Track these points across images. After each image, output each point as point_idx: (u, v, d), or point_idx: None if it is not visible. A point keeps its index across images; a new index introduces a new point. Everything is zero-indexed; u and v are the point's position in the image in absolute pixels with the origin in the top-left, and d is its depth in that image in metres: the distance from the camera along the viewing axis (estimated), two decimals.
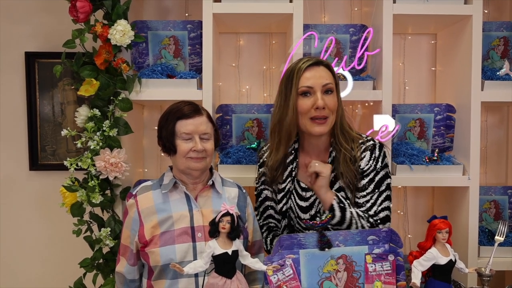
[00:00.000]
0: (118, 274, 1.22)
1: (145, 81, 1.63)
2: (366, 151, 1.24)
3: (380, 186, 1.23)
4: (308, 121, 1.21)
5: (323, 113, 1.20)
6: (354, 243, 1.10)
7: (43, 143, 1.92)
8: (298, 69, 1.22)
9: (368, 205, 1.21)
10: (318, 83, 1.20)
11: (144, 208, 1.17)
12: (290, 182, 1.28)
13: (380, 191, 1.23)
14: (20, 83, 1.91)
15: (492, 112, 1.95)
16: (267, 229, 1.36)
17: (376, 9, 1.68)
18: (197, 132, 1.15)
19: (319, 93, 1.20)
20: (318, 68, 1.22)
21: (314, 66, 1.22)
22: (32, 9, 1.89)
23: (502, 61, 1.75)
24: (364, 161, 1.23)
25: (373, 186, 1.22)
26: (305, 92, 1.21)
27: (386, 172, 1.25)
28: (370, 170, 1.23)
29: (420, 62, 1.95)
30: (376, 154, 1.24)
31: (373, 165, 1.23)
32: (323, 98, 1.20)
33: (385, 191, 1.24)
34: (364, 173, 1.23)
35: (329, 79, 1.22)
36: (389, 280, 1.09)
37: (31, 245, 1.95)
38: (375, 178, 1.23)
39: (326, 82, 1.21)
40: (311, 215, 1.25)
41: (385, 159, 1.26)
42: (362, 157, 1.23)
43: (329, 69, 1.25)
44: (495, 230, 1.75)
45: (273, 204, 1.33)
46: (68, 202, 1.56)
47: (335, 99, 1.23)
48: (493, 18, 1.90)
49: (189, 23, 1.71)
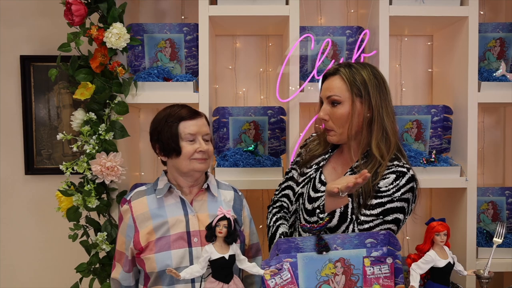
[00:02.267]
0: (114, 280, 1.21)
1: (141, 84, 1.62)
2: (392, 174, 1.13)
3: (387, 215, 1.11)
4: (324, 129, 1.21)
5: (326, 124, 1.18)
6: (352, 246, 1.09)
7: (39, 147, 1.91)
8: (323, 76, 1.22)
9: (365, 226, 1.11)
10: (324, 95, 1.19)
11: (139, 214, 1.16)
12: (315, 170, 1.25)
13: (385, 220, 1.11)
14: (15, 87, 1.90)
15: (489, 113, 1.96)
16: (279, 206, 1.32)
17: (372, 11, 1.68)
18: (200, 133, 1.15)
19: (325, 104, 1.18)
20: (331, 78, 1.18)
21: (330, 76, 1.19)
22: (27, 12, 1.89)
23: (499, 62, 1.76)
24: (385, 182, 1.12)
25: (380, 211, 1.11)
26: (321, 101, 1.21)
27: (402, 206, 1.12)
28: (386, 195, 1.12)
29: (417, 64, 1.95)
30: (401, 182, 1.12)
31: (392, 191, 1.12)
32: (326, 109, 1.17)
33: (389, 223, 1.11)
34: (379, 193, 1.12)
35: (334, 91, 1.15)
36: (388, 283, 1.08)
37: (27, 250, 1.94)
38: (386, 205, 1.11)
39: (329, 94, 1.16)
40: (314, 207, 1.20)
41: (409, 193, 1.13)
42: (385, 177, 1.13)
43: (343, 78, 1.16)
44: (493, 231, 1.75)
45: (294, 186, 1.30)
46: (64, 206, 1.55)
47: (341, 111, 1.15)
48: (489, 19, 1.90)
49: (185, 26, 1.71)
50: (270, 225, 1.29)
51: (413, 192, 1.15)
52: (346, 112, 1.15)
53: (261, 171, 1.64)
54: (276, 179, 1.54)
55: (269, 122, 1.73)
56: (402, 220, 1.14)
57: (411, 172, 1.15)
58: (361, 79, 1.15)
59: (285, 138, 1.74)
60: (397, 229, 1.15)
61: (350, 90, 1.15)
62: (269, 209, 1.34)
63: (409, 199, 1.14)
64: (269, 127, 1.74)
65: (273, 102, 1.90)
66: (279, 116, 1.74)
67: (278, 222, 1.28)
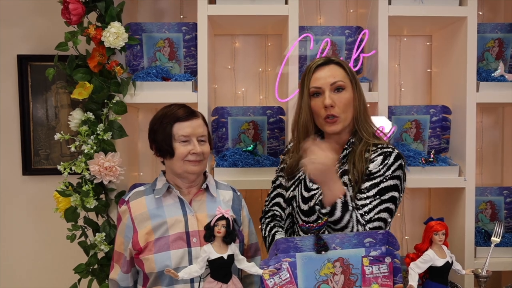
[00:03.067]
0: (112, 281, 1.21)
1: (140, 84, 1.61)
2: (379, 156, 1.17)
3: (383, 195, 1.14)
4: (322, 121, 1.20)
5: (333, 111, 1.17)
6: (351, 246, 1.09)
7: (37, 147, 1.90)
8: (308, 70, 1.22)
9: (365, 209, 1.14)
10: (326, 83, 1.19)
11: (138, 214, 1.15)
12: (303, 172, 1.25)
13: (382, 200, 1.14)
14: (12, 87, 1.89)
15: (488, 113, 1.96)
16: (271, 215, 1.33)
17: (372, 10, 1.68)
18: (194, 135, 1.14)
19: (328, 92, 1.18)
20: (327, 67, 1.20)
21: (324, 66, 1.20)
22: (25, 11, 1.88)
23: (497, 62, 1.76)
24: (374, 164, 1.16)
25: (375, 192, 1.14)
26: (315, 93, 1.20)
27: (395, 183, 1.15)
28: (378, 175, 1.15)
29: (416, 64, 1.95)
30: (389, 161, 1.16)
31: (383, 170, 1.15)
32: (332, 96, 1.17)
33: (386, 202, 1.14)
34: (371, 175, 1.16)
35: (338, 77, 1.19)
36: (386, 282, 1.08)
37: (25, 251, 1.93)
38: (381, 185, 1.14)
39: (334, 80, 1.18)
40: (310, 206, 1.21)
41: (399, 170, 1.16)
42: (373, 160, 1.17)
43: (341, 66, 1.21)
44: (491, 230, 1.75)
45: (283, 193, 1.31)
46: (62, 207, 1.54)
47: (347, 96, 1.19)
48: (488, 20, 1.91)
49: (184, 25, 1.70)
50: (265, 235, 1.30)
51: (402, 169, 1.19)
52: (350, 97, 1.20)
53: (260, 171, 1.64)
54: None
55: (268, 122, 1.73)
56: (398, 198, 1.17)
57: (396, 150, 1.20)
58: (350, 68, 1.24)
59: (284, 138, 1.74)
60: (395, 208, 1.17)
61: (349, 76, 1.21)
62: (262, 220, 1.34)
63: (400, 176, 1.18)
64: (268, 127, 1.73)
65: (272, 102, 1.90)
66: (278, 116, 1.73)
67: (273, 231, 1.28)
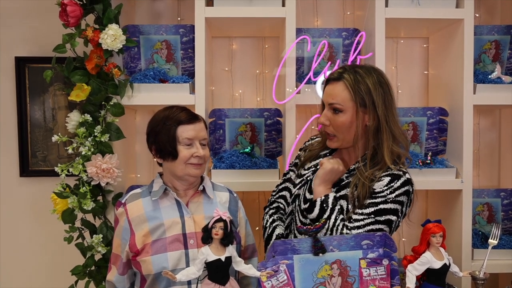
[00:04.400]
0: (109, 283, 1.20)
1: (137, 86, 1.61)
2: (386, 177, 1.12)
3: (379, 215, 1.10)
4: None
5: (327, 129, 1.16)
6: (348, 248, 1.09)
7: (34, 149, 1.89)
8: (325, 81, 1.20)
9: (356, 224, 1.10)
10: (327, 101, 1.16)
11: (135, 216, 1.15)
12: (312, 172, 1.24)
13: (376, 220, 1.10)
14: (10, 88, 1.88)
15: (484, 115, 1.97)
16: (275, 207, 1.32)
17: (369, 13, 1.68)
18: (197, 138, 1.14)
19: (326, 110, 1.17)
20: (333, 84, 1.15)
21: (332, 82, 1.16)
22: (23, 13, 1.88)
23: (494, 65, 1.77)
24: (379, 184, 1.11)
25: (372, 210, 1.10)
26: (323, 104, 1.19)
27: (396, 208, 1.11)
28: (380, 195, 1.11)
29: (413, 66, 1.96)
30: (395, 184, 1.11)
31: (386, 192, 1.11)
32: (327, 114, 1.15)
33: (381, 224, 1.10)
34: (373, 194, 1.12)
35: (337, 99, 1.12)
36: (384, 284, 1.08)
37: (22, 252, 1.92)
38: (379, 205, 1.10)
39: (331, 102, 1.14)
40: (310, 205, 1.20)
41: (403, 196, 1.12)
42: (380, 179, 1.12)
43: (347, 86, 1.12)
44: (489, 232, 1.76)
45: (291, 187, 1.29)
46: (59, 208, 1.54)
47: (342, 119, 1.12)
48: (485, 22, 1.92)
49: (182, 27, 1.70)
50: (266, 226, 1.29)
51: (408, 195, 1.14)
52: (347, 121, 1.13)
53: (257, 173, 1.64)
54: (273, 181, 1.54)
55: (265, 124, 1.73)
56: (395, 222, 1.13)
57: (407, 175, 1.14)
58: (366, 88, 1.11)
59: (281, 140, 1.74)
60: (389, 231, 1.13)
61: (354, 99, 1.12)
62: (266, 210, 1.33)
63: (403, 201, 1.13)
64: (266, 129, 1.74)
65: (270, 104, 1.90)
66: (276, 118, 1.74)
67: (274, 224, 1.27)
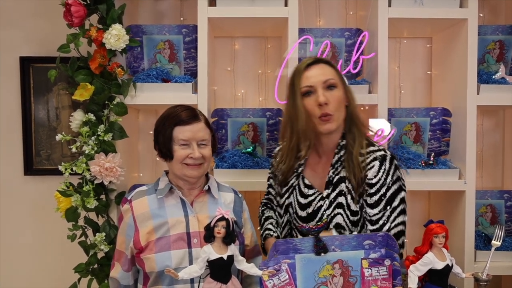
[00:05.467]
0: (113, 279, 1.21)
1: (140, 86, 1.62)
2: (375, 161, 1.17)
3: (392, 202, 1.17)
4: (316, 120, 1.17)
5: (327, 109, 1.16)
6: (350, 248, 1.09)
7: (38, 148, 1.91)
8: (298, 71, 1.21)
9: (380, 222, 1.16)
10: (318, 81, 1.17)
11: (140, 213, 1.16)
12: (295, 178, 1.25)
13: (393, 207, 1.17)
14: (15, 88, 1.90)
15: (488, 116, 1.96)
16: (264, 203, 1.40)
17: (371, 12, 1.68)
18: (194, 139, 1.14)
19: (321, 90, 1.17)
20: (317, 66, 1.20)
21: (313, 65, 1.20)
22: (27, 13, 1.89)
23: (498, 65, 1.76)
24: (372, 172, 1.17)
25: (384, 203, 1.16)
26: (307, 92, 1.18)
27: (399, 185, 1.19)
28: (381, 185, 1.16)
29: (416, 66, 1.95)
30: (386, 166, 1.17)
31: (383, 178, 1.16)
32: (325, 94, 1.16)
33: (398, 206, 1.17)
34: (373, 187, 1.17)
35: (330, 75, 1.19)
36: (386, 285, 1.08)
37: (26, 250, 1.93)
38: (387, 194, 1.16)
39: (326, 78, 1.17)
40: (308, 213, 1.22)
41: (397, 171, 1.19)
42: (370, 166, 1.17)
43: (330, 65, 1.22)
44: (492, 234, 1.75)
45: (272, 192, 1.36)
46: (62, 207, 1.55)
47: (339, 93, 1.18)
48: (489, 22, 1.90)
49: (184, 27, 1.71)
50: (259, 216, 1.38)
51: (399, 169, 1.21)
52: (342, 96, 1.20)
53: (259, 173, 1.64)
54: None
55: (267, 124, 1.73)
56: (405, 196, 1.20)
57: (388, 152, 1.21)
58: (338, 68, 1.25)
59: None
60: (406, 206, 1.20)
61: (339, 76, 1.22)
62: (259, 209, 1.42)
63: (400, 176, 1.20)
64: (268, 129, 1.74)
65: (272, 104, 1.90)
66: (278, 118, 1.74)
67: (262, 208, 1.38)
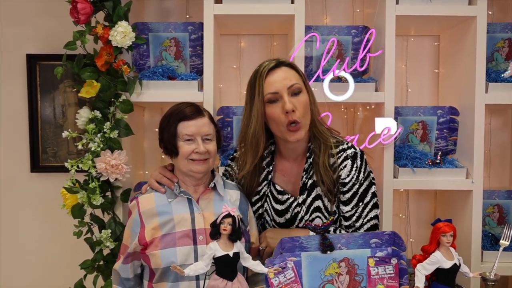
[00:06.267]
0: (114, 271, 1.22)
1: (146, 83, 1.62)
2: (346, 160, 1.18)
3: (364, 198, 1.19)
4: (284, 129, 1.13)
5: (294, 116, 1.11)
6: (357, 246, 1.09)
7: (44, 145, 1.92)
8: (259, 76, 1.14)
9: (353, 218, 1.19)
10: (283, 86, 1.12)
11: (145, 209, 1.16)
12: (266, 186, 1.25)
13: (365, 203, 1.19)
14: (21, 85, 1.91)
15: (496, 115, 1.94)
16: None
17: (379, 10, 1.67)
18: (199, 134, 1.14)
19: (286, 96, 1.12)
20: (280, 70, 1.14)
21: (275, 69, 1.14)
22: (33, 11, 1.90)
23: (507, 63, 1.74)
24: (345, 172, 1.18)
25: (357, 199, 1.19)
26: (271, 100, 1.13)
27: (369, 181, 1.21)
28: (353, 183, 1.18)
29: (423, 64, 1.93)
30: (357, 164, 1.18)
31: (355, 176, 1.18)
32: (291, 100, 1.12)
33: (370, 202, 1.20)
34: (347, 185, 1.18)
35: (294, 79, 1.14)
36: (392, 283, 1.07)
37: (32, 247, 1.95)
38: (359, 191, 1.19)
39: (291, 84, 1.12)
40: (287, 219, 1.23)
41: (367, 167, 1.21)
42: (343, 166, 1.18)
43: (293, 68, 1.17)
44: (499, 234, 1.73)
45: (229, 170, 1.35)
46: (69, 203, 1.56)
47: (305, 98, 1.14)
48: (498, 20, 1.88)
49: (190, 25, 1.71)
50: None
51: (367, 163, 1.22)
52: (307, 100, 1.16)
53: None
54: None
55: None
56: (376, 189, 1.22)
57: (357, 149, 1.21)
58: (300, 69, 1.21)
59: None
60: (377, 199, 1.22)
61: (302, 78, 1.18)
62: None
63: (369, 170, 1.22)
64: None
65: None
66: None
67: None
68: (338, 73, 1.57)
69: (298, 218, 1.22)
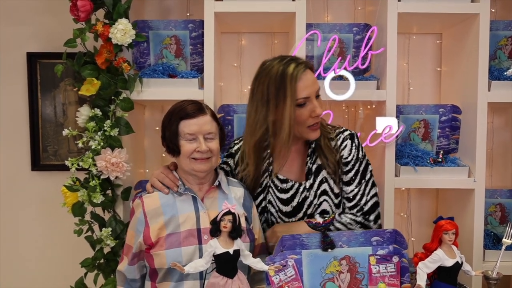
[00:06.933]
0: (119, 272, 1.21)
1: (146, 81, 1.62)
2: (346, 140, 1.25)
3: (365, 175, 1.25)
4: (305, 129, 1.19)
5: (319, 118, 1.20)
6: (358, 244, 1.08)
7: (45, 144, 1.92)
8: (292, 79, 1.14)
9: (357, 197, 1.23)
10: (313, 91, 1.18)
11: (151, 209, 1.15)
12: (268, 177, 1.25)
13: (367, 181, 1.25)
14: (22, 84, 1.91)
15: (499, 113, 1.92)
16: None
17: (381, 7, 1.66)
18: (201, 132, 1.13)
19: (315, 101, 1.18)
20: (308, 74, 1.18)
21: (306, 72, 1.18)
22: (33, 9, 1.90)
23: (510, 61, 1.73)
24: (347, 151, 1.24)
25: (359, 177, 1.25)
26: (301, 104, 1.17)
27: (367, 160, 1.28)
28: (354, 161, 1.24)
29: (425, 62, 1.92)
30: (356, 143, 1.26)
31: (356, 154, 1.25)
32: (319, 105, 1.20)
33: (370, 179, 1.27)
34: (349, 164, 1.24)
35: (317, 83, 1.21)
36: (393, 282, 1.07)
37: (32, 245, 1.95)
38: (360, 169, 1.25)
39: (318, 87, 1.20)
40: (293, 206, 1.23)
41: (362, 147, 1.29)
42: (344, 146, 1.24)
43: (312, 70, 1.23)
44: (501, 233, 1.72)
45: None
46: (69, 202, 1.55)
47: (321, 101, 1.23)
48: (500, 17, 1.87)
49: (191, 23, 1.70)
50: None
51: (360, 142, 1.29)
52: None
53: None
54: None
55: None
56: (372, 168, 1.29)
57: (351, 130, 1.29)
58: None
59: None
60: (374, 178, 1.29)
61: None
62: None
63: (364, 149, 1.29)
64: None
65: None
66: None
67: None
68: (339, 71, 1.56)
69: (307, 203, 1.23)
